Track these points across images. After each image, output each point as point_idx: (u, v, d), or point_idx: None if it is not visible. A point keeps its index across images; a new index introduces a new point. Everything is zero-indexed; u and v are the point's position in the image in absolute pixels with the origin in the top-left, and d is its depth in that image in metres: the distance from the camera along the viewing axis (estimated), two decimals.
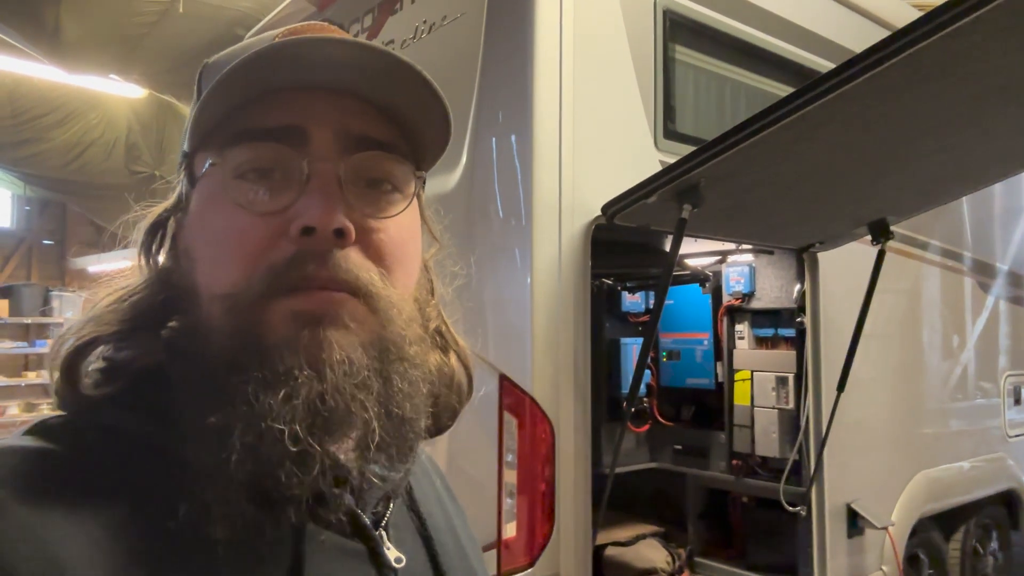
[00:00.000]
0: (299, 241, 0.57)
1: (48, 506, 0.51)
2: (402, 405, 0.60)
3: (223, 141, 0.60)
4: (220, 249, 0.59)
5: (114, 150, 7.91)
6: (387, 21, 2.79)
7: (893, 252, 2.58)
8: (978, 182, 2.53)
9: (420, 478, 0.78)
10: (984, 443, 3.93)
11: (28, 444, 0.56)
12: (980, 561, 3.99)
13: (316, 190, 0.58)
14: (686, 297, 3.29)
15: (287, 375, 0.54)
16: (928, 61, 1.46)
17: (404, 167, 0.64)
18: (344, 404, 0.55)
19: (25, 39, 5.54)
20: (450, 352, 0.75)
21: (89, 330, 0.61)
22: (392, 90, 0.61)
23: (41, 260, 10.91)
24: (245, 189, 0.59)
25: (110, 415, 0.59)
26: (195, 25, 5.39)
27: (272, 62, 0.57)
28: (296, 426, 0.53)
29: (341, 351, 0.56)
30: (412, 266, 0.66)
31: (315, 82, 0.60)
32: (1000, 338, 4.17)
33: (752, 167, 1.88)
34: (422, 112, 0.63)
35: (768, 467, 2.96)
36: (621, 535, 3.03)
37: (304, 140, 0.59)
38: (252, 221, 0.58)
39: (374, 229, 0.61)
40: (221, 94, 0.58)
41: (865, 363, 2.78)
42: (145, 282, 0.65)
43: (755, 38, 2.79)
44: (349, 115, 0.61)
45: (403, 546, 0.66)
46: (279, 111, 0.60)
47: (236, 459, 0.53)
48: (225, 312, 0.57)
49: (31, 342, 9.66)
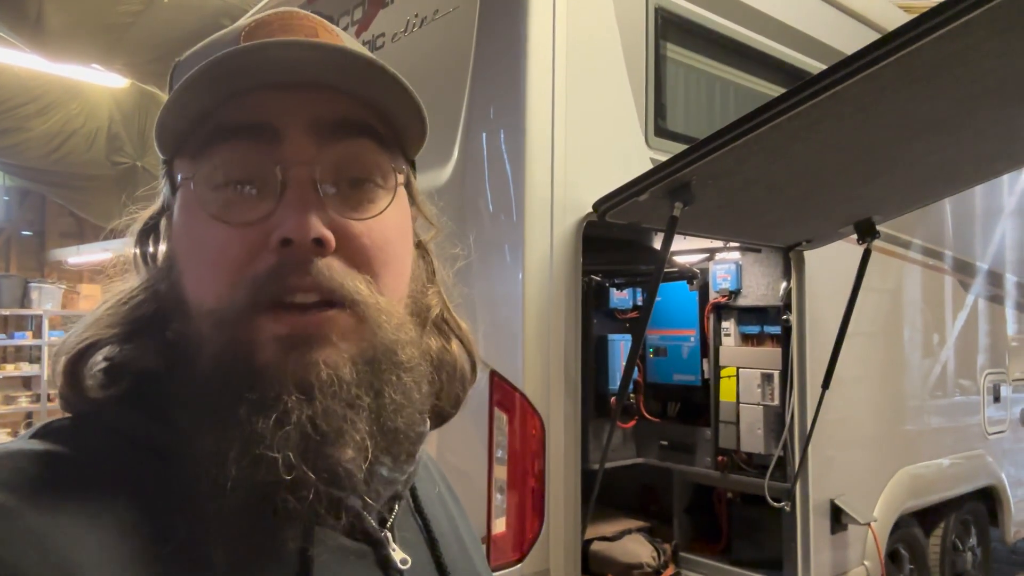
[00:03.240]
0: (279, 252, 0.56)
1: (55, 509, 0.50)
2: (394, 418, 0.59)
3: (196, 146, 0.59)
4: (201, 261, 0.59)
5: (95, 140, 7.80)
6: (378, 14, 2.77)
7: (877, 251, 2.61)
8: (966, 182, 2.57)
9: (423, 480, 0.78)
10: (964, 440, 3.98)
11: (34, 447, 0.55)
12: (959, 557, 4.05)
13: (293, 198, 0.57)
14: (673, 294, 3.30)
15: (276, 400, 0.54)
16: (920, 63, 1.47)
17: (383, 157, 0.62)
18: (336, 426, 0.55)
19: (7, 27, 5.45)
20: (452, 338, 0.74)
21: (91, 333, 0.61)
22: (363, 86, 0.60)
23: (20, 251, 10.76)
24: (221, 201, 0.58)
25: (115, 417, 0.59)
26: (180, 15, 5.33)
27: (237, 66, 0.56)
28: (289, 452, 0.53)
29: (328, 371, 0.55)
30: (401, 265, 0.65)
31: (284, 82, 0.59)
32: (980, 336, 4.23)
33: (744, 166, 1.89)
34: (396, 105, 0.62)
35: (753, 463, 2.98)
36: (607, 530, 3.04)
37: (276, 137, 0.58)
38: (230, 233, 0.57)
39: (356, 233, 0.59)
40: (185, 98, 0.57)
41: (849, 361, 2.81)
42: (142, 285, 0.64)
43: (746, 37, 2.81)
44: (321, 103, 0.60)
45: (408, 548, 0.66)
46: (247, 111, 0.58)
47: (231, 485, 0.52)
48: (212, 327, 0.57)
49: (10, 334, 9.52)
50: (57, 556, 0.48)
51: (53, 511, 0.50)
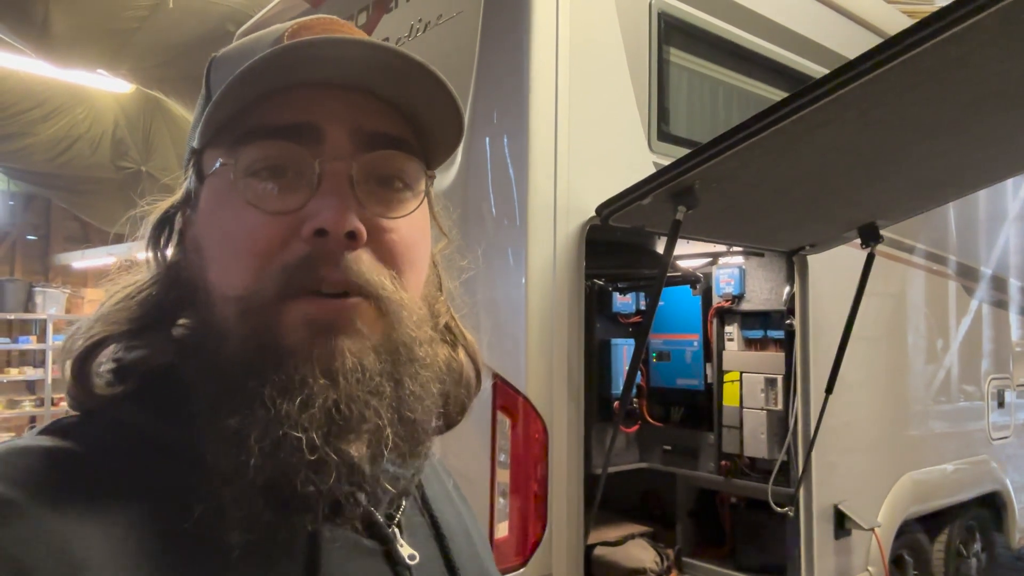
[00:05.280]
0: (311, 242, 0.57)
1: (64, 506, 0.51)
2: (414, 408, 0.60)
3: (234, 139, 0.59)
4: (232, 248, 0.59)
5: (100, 145, 7.84)
6: (382, 19, 2.78)
7: (880, 255, 2.60)
8: (970, 187, 2.56)
9: (431, 478, 0.78)
10: (968, 446, 3.97)
11: (43, 444, 0.56)
12: (964, 563, 4.03)
13: (328, 191, 0.58)
14: (676, 298, 3.30)
15: (302, 383, 0.55)
16: (924, 66, 1.47)
17: (415, 164, 0.63)
18: (358, 411, 0.56)
19: (13, 32, 5.48)
20: (458, 347, 0.75)
21: (98, 329, 0.61)
22: (406, 88, 0.61)
23: (25, 255, 10.80)
24: (257, 187, 0.59)
25: (123, 414, 0.59)
26: (185, 20, 5.35)
27: (290, 61, 0.57)
28: (313, 434, 0.54)
29: (353, 359, 0.56)
30: (422, 266, 0.66)
31: (329, 80, 0.60)
32: (984, 341, 4.21)
33: (747, 170, 1.89)
34: (435, 111, 0.63)
35: (756, 468, 2.97)
36: (610, 535, 3.03)
37: (318, 138, 0.59)
38: (264, 220, 0.58)
39: (386, 229, 0.61)
40: (236, 92, 0.57)
41: (853, 365, 2.81)
42: (153, 278, 0.64)
43: (749, 42, 2.81)
44: (363, 112, 0.61)
45: (416, 543, 0.66)
46: (293, 109, 0.59)
47: (255, 464, 0.53)
48: (239, 314, 0.57)
49: (14, 338, 9.55)
50: (65, 552, 0.48)
51: (61, 507, 0.51)
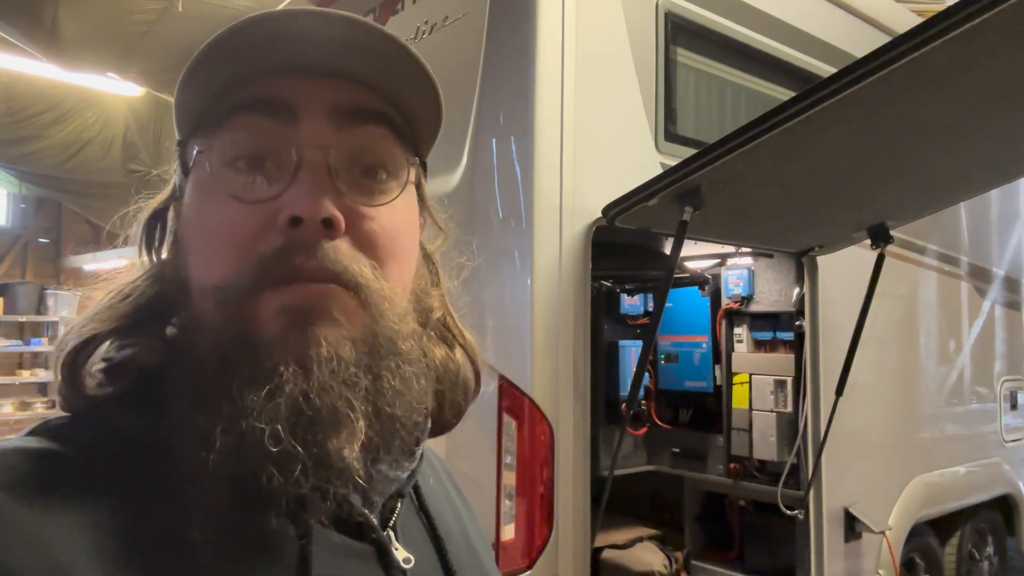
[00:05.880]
0: (287, 232, 0.55)
1: (49, 508, 0.50)
2: (392, 403, 0.58)
3: (213, 122, 0.59)
4: (210, 240, 0.58)
5: (111, 148, 7.88)
6: (388, 21, 2.78)
7: (891, 256, 2.58)
8: (980, 187, 2.54)
9: (429, 478, 0.77)
10: (980, 448, 3.93)
11: (30, 445, 0.55)
12: (976, 566, 3.99)
13: (305, 179, 0.56)
14: (685, 300, 3.29)
15: (272, 371, 0.53)
16: (932, 66, 1.46)
17: (397, 149, 0.62)
18: (330, 403, 0.54)
19: (23, 36, 5.52)
20: (456, 347, 0.73)
21: (89, 329, 0.60)
22: (378, 64, 0.60)
23: (36, 258, 10.88)
24: (234, 178, 0.58)
25: (112, 415, 0.59)
26: (194, 24, 5.37)
27: (249, 37, 0.56)
28: (278, 425, 0.52)
29: (329, 348, 0.54)
30: (407, 258, 0.64)
31: (300, 63, 0.59)
32: (997, 343, 4.17)
33: (754, 170, 1.88)
34: (410, 87, 0.62)
35: (766, 471, 2.96)
36: (618, 538, 3.02)
37: (293, 117, 0.58)
38: (241, 210, 0.57)
39: (365, 218, 0.59)
40: (200, 72, 0.56)
41: (863, 367, 2.78)
42: (144, 276, 0.63)
43: (756, 41, 2.79)
44: (339, 92, 0.60)
45: (412, 546, 0.65)
46: (269, 88, 0.58)
47: (215, 459, 0.51)
48: (216, 305, 0.56)
49: (26, 341, 9.63)
50: (49, 554, 0.48)
51: (46, 509, 0.50)
